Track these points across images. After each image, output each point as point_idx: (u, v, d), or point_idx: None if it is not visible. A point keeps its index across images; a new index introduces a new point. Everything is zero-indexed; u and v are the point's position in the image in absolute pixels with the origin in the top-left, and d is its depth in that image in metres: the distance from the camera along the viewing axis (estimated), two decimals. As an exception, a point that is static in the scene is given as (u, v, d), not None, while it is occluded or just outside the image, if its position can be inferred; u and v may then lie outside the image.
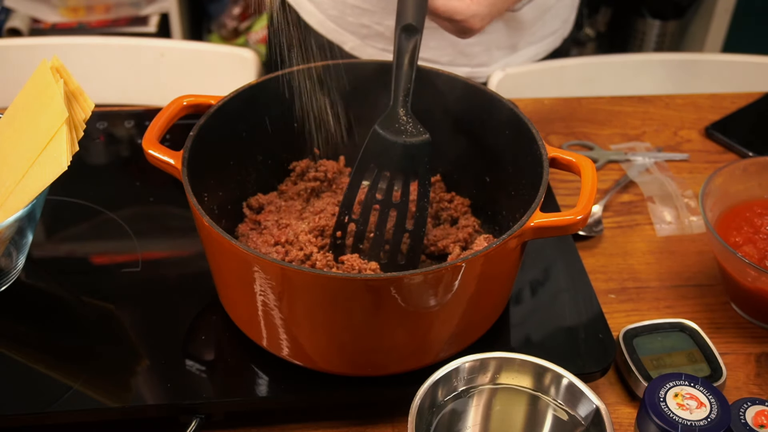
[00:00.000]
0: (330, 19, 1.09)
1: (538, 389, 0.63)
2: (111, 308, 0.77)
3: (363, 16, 1.06)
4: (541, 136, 0.72)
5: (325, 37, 1.10)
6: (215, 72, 1.27)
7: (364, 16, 1.06)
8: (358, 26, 1.07)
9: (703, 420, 0.61)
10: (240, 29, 2.31)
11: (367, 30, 1.07)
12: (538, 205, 0.66)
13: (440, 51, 1.09)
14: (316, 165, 0.85)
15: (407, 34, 0.74)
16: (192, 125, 0.72)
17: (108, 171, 0.95)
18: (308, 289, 0.63)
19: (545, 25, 1.13)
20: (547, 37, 1.16)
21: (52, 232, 0.86)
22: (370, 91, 0.80)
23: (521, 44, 1.13)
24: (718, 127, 1.06)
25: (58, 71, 0.73)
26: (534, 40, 1.14)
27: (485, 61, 1.12)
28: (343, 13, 1.07)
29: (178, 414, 0.69)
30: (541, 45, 1.16)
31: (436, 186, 0.85)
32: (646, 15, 2.22)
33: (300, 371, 0.70)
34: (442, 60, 1.10)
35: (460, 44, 1.08)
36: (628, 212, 0.94)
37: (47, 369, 0.71)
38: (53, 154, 0.70)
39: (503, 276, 0.71)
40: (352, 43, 1.09)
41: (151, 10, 2.09)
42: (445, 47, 1.08)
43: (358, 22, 1.07)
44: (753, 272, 0.76)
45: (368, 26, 1.07)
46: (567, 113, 1.09)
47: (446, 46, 1.08)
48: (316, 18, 1.10)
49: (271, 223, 0.79)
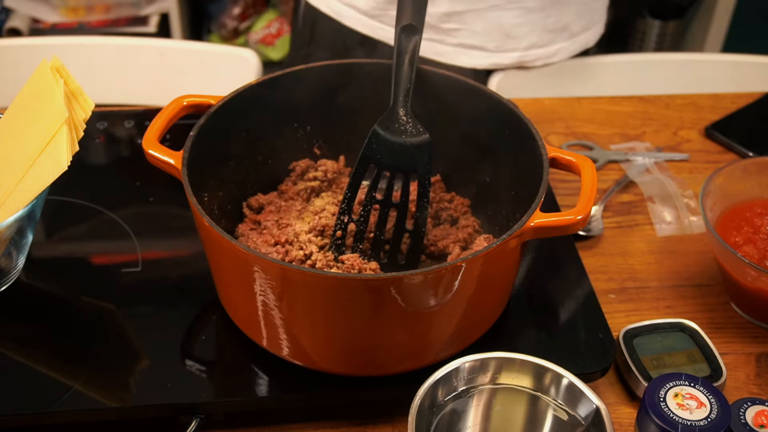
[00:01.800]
0: (372, 18, 1.09)
1: (538, 389, 0.63)
2: (111, 308, 0.77)
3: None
4: (541, 136, 0.72)
5: (370, 36, 1.10)
6: (215, 72, 1.27)
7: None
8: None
9: (703, 420, 0.61)
10: (240, 29, 2.32)
11: None
12: (538, 205, 0.66)
13: (487, 36, 1.08)
14: (316, 165, 0.85)
15: (407, 34, 0.74)
16: (192, 125, 0.72)
17: (108, 171, 0.95)
18: (308, 289, 0.63)
19: (593, 6, 1.12)
20: (598, 21, 1.15)
21: (52, 232, 0.86)
22: (371, 91, 0.80)
23: (575, 27, 1.13)
24: (718, 127, 1.06)
25: (58, 71, 0.73)
26: (588, 23, 1.13)
27: (535, 42, 1.11)
28: (386, 10, 1.07)
29: (178, 414, 0.69)
30: (595, 30, 1.15)
31: (436, 186, 0.85)
32: (646, 15, 2.22)
33: (300, 371, 0.70)
34: (489, 46, 1.09)
35: (505, 26, 1.07)
36: (628, 212, 0.94)
37: (47, 369, 0.71)
38: (53, 154, 0.70)
39: (503, 276, 0.71)
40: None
41: (151, 10, 2.09)
42: (491, 31, 1.08)
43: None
44: (753, 272, 0.76)
45: None
46: (567, 113, 1.09)
47: (493, 30, 1.08)
48: (358, 20, 1.10)
49: (271, 223, 0.79)
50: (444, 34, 1.08)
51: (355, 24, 1.11)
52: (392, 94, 0.74)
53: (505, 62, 1.12)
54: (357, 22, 1.11)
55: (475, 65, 1.11)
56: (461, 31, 1.08)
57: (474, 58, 1.10)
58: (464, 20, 1.07)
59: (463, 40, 1.09)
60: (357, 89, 0.81)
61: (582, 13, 1.12)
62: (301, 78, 0.80)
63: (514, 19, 1.07)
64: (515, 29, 1.08)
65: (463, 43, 1.09)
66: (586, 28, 1.15)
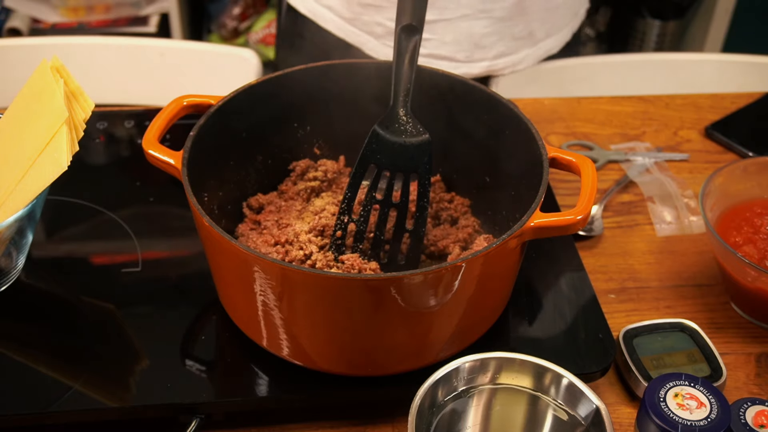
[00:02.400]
0: (348, 22, 1.09)
1: (538, 389, 0.63)
2: (111, 308, 0.77)
3: (377, 13, 1.06)
4: (541, 136, 0.72)
5: (345, 40, 1.11)
6: (215, 72, 1.27)
7: (378, 14, 1.06)
8: (374, 25, 1.08)
9: (703, 420, 0.61)
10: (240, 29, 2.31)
11: (381, 28, 1.08)
12: (538, 205, 0.66)
13: (457, 46, 1.08)
14: (316, 165, 0.85)
15: (407, 34, 0.74)
16: (192, 125, 0.72)
17: (108, 171, 0.95)
18: (308, 289, 0.63)
19: (557, 14, 1.12)
20: (561, 28, 1.15)
21: (52, 232, 0.86)
22: (371, 91, 0.80)
23: (539, 33, 1.13)
24: (718, 127, 1.06)
25: (58, 71, 0.73)
26: (550, 30, 1.13)
27: (503, 51, 1.11)
28: (359, 14, 1.07)
29: (178, 414, 0.69)
30: (558, 37, 1.15)
31: (436, 186, 0.85)
32: (646, 15, 2.22)
33: (300, 371, 0.70)
34: (459, 57, 1.09)
35: (475, 36, 1.08)
36: (628, 212, 0.94)
37: (47, 369, 0.71)
38: (53, 154, 0.70)
39: (503, 276, 0.71)
40: (371, 44, 1.10)
41: (151, 10, 2.09)
42: (461, 41, 1.08)
43: (373, 20, 1.07)
44: (753, 272, 0.76)
45: (381, 24, 1.07)
46: (567, 113, 1.09)
47: (462, 41, 1.08)
48: (335, 23, 1.10)
49: (271, 223, 0.79)
50: None
51: (330, 26, 1.11)
52: (392, 94, 0.74)
53: (473, 72, 1.12)
54: (332, 24, 1.11)
55: None
56: (431, 42, 1.08)
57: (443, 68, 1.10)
58: (435, 30, 1.07)
59: (433, 50, 1.09)
60: (357, 89, 0.81)
61: (545, 19, 1.12)
62: (301, 78, 0.80)
63: (483, 29, 1.07)
64: (484, 39, 1.09)
65: (432, 54, 1.09)
66: (548, 35, 1.15)
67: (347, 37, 1.10)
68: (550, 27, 1.14)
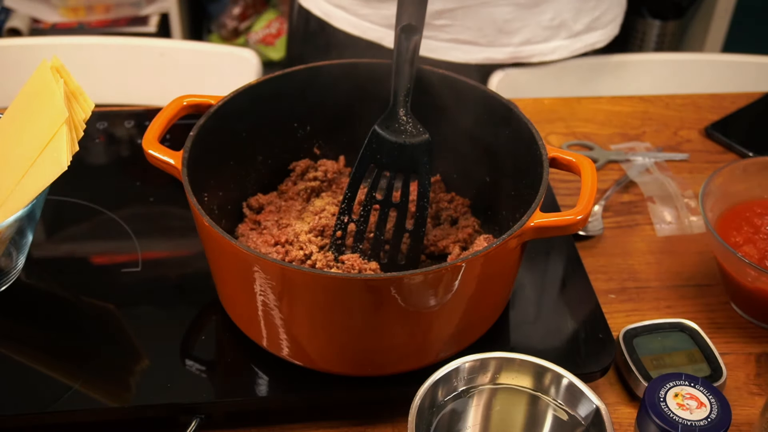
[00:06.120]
0: (364, 19, 1.09)
1: (538, 389, 0.63)
2: (111, 308, 0.77)
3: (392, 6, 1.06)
4: (541, 136, 0.72)
5: (361, 38, 1.10)
6: (215, 72, 1.27)
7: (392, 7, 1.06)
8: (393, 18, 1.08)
9: (703, 420, 0.61)
10: (240, 29, 2.32)
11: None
12: (538, 205, 0.66)
13: (479, 31, 1.08)
14: (316, 165, 0.85)
15: (407, 34, 0.74)
16: (192, 125, 0.72)
17: (108, 171, 0.95)
18: (308, 289, 0.63)
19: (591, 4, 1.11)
20: (607, 24, 1.13)
21: (52, 232, 0.86)
22: (371, 91, 0.80)
23: (576, 25, 1.11)
24: (718, 127, 1.06)
25: (58, 71, 0.73)
26: (593, 24, 1.11)
27: (529, 38, 1.11)
28: (378, 8, 1.07)
29: (178, 414, 0.69)
30: (601, 33, 1.14)
31: (436, 186, 0.85)
32: (646, 15, 2.22)
33: (300, 371, 0.70)
34: (481, 41, 1.09)
35: (498, 21, 1.07)
36: (628, 212, 0.94)
37: (47, 369, 0.71)
38: (53, 154, 0.70)
39: (503, 276, 0.71)
40: (390, 38, 1.09)
41: (151, 10, 2.09)
42: (483, 27, 1.07)
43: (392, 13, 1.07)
44: (753, 272, 0.76)
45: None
46: (567, 113, 1.09)
47: (485, 26, 1.07)
48: (349, 21, 1.10)
49: (271, 223, 0.79)
50: (436, 30, 1.08)
51: (344, 25, 1.11)
52: (392, 94, 0.74)
53: (498, 57, 1.11)
54: (346, 23, 1.10)
55: (468, 60, 1.11)
56: (453, 27, 1.07)
57: (466, 53, 1.10)
58: (456, 16, 1.06)
59: (456, 35, 1.08)
60: (357, 89, 0.81)
61: (580, 10, 1.11)
62: (302, 78, 0.80)
63: (506, 15, 1.06)
64: (507, 24, 1.08)
65: (455, 39, 1.09)
66: (590, 29, 1.14)
67: (364, 34, 1.10)
68: (591, 20, 1.12)
